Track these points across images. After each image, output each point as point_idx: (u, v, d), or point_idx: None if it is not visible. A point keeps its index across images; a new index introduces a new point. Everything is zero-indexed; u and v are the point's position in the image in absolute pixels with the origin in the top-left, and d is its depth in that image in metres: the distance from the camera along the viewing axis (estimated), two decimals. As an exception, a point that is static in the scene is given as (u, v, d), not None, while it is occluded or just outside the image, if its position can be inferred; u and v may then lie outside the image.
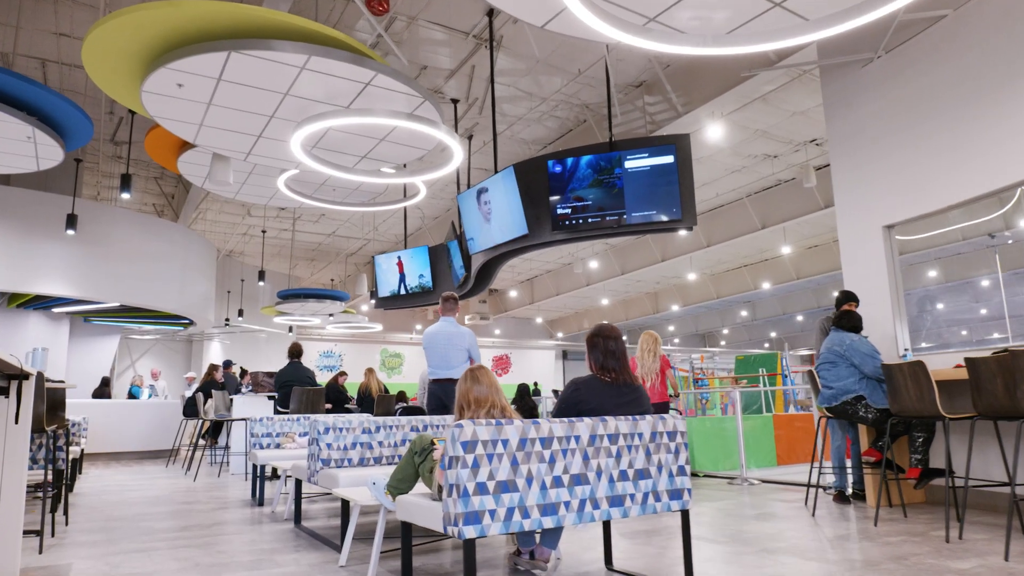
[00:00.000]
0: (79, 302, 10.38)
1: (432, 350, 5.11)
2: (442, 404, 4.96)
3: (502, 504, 2.20)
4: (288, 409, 6.81)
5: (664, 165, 6.95)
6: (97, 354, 12.62)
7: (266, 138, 6.36)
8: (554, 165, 7.39)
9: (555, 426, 2.36)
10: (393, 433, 3.99)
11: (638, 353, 6.17)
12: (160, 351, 20.27)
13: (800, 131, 11.77)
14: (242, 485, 6.77)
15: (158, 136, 8.29)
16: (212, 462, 9.26)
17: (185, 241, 11.18)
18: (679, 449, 2.67)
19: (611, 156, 7.14)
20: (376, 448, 3.92)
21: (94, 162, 12.51)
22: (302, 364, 7.21)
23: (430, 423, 4.14)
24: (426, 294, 11.81)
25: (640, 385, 2.75)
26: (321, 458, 3.75)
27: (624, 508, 2.48)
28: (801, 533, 3.90)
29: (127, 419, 10.24)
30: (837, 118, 5.76)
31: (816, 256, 19.28)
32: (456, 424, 2.19)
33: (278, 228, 16.77)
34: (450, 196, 14.86)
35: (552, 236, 7.48)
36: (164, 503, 5.52)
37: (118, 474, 8.06)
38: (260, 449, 5.48)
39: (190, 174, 9.37)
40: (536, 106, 10.70)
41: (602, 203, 7.17)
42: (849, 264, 5.63)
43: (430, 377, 5.09)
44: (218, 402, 7.76)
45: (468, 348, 5.11)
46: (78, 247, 9.52)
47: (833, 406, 4.55)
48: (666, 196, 6.93)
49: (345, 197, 10.45)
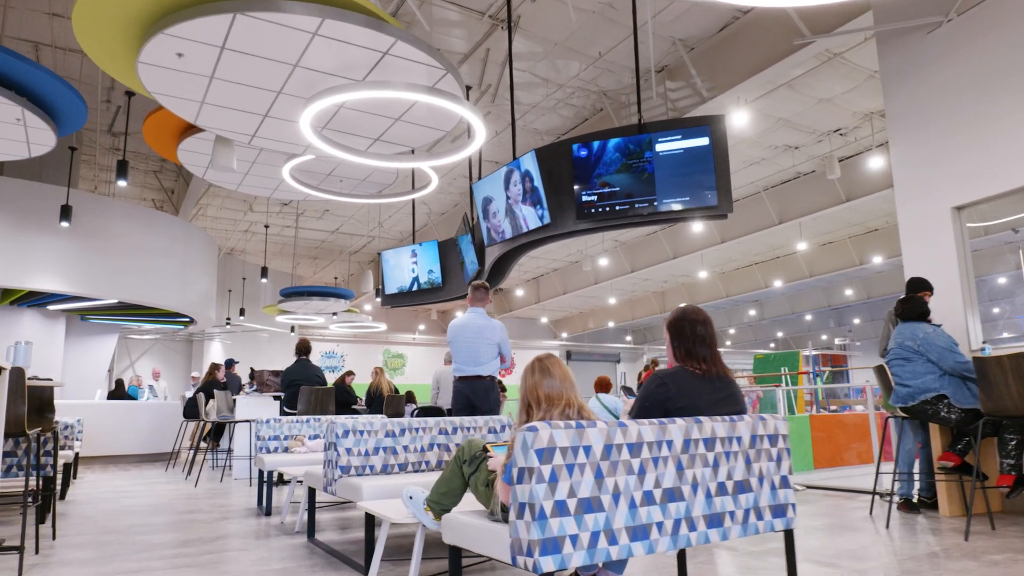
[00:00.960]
0: (75, 299, 9.92)
1: (459, 344, 4.63)
2: (469, 404, 4.49)
3: (585, 527, 1.74)
4: (295, 410, 6.35)
5: (698, 148, 6.49)
6: (95, 354, 12.16)
7: (273, 118, 5.90)
8: (579, 149, 6.93)
9: (644, 429, 1.90)
10: (419, 437, 3.53)
11: None
12: (160, 351, 19.82)
13: (825, 120, 11.33)
14: (246, 491, 6.31)
15: (157, 122, 7.84)
16: (214, 466, 8.79)
17: (185, 236, 10.72)
18: (781, 456, 2.21)
19: (641, 139, 6.68)
20: (401, 454, 3.46)
21: (91, 154, 12.06)
22: (310, 362, 6.73)
23: (460, 425, 3.68)
24: (435, 291, 11.35)
25: (734, 379, 2.28)
26: (340, 465, 3.29)
27: (723, 529, 2.02)
28: (887, 549, 3.44)
29: (125, 421, 9.77)
30: (898, 90, 5.28)
31: (830, 253, 18.85)
32: (527, 427, 1.72)
33: (281, 225, 16.32)
34: (458, 191, 14.42)
35: (576, 226, 7.01)
36: (163, 512, 5.06)
37: (115, 479, 7.60)
38: (267, 453, 5.02)
39: (191, 164, 8.92)
40: (552, 93, 10.26)
41: (631, 189, 6.71)
42: (911, 249, 5.16)
43: (456, 374, 4.62)
44: (220, 403, 7.29)
45: (499, 343, 4.64)
46: (74, 241, 9.06)
47: (910, 406, 4.08)
48: (700, 181, 6.46)
49: (353, 188, 9.99)
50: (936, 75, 4.90)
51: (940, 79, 4.88)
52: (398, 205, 15.24)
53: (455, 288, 10.88)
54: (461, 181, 13.92)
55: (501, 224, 7.97)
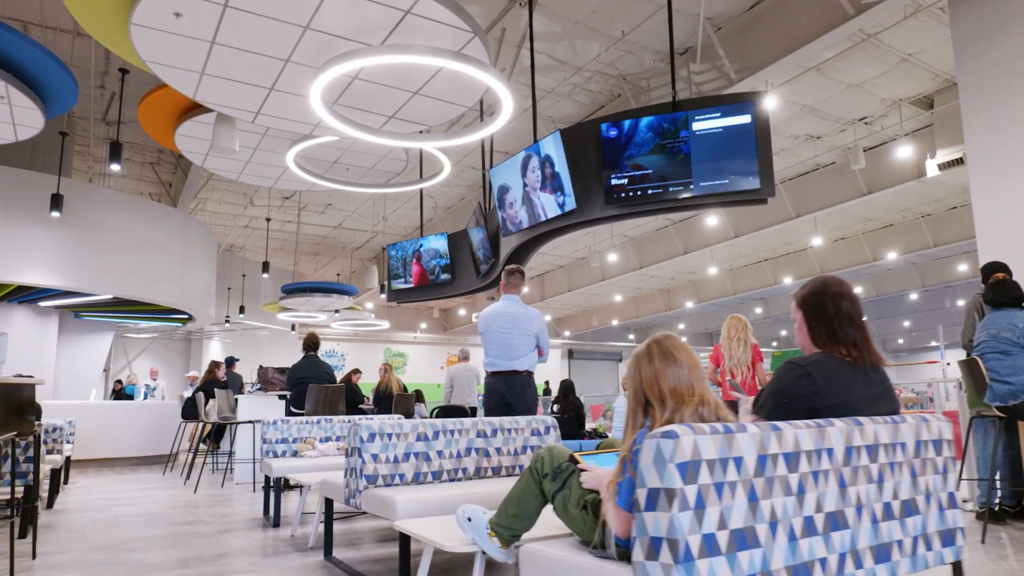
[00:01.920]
0: (68, 294, 9.42)
1: (492, 336, 4.14)
2: (504, 403, 4.00)
3: (739, 570, 1.25)
4: (303, 410, 5.86)
5: (740, 127, 6.01)
6: (90, 352, 11.64)
7: (280, 91, 5.41)
8: (608, 129, 6.45)
9: (801, 433, 1.41)
10: (455, 440, 3.04)
11: (723, 341, 5.24)
12: (158, 350, 19.30)
13: (851, 108, 10.85)
14: (250, 497, 5.82)
15: (153, 104, 7.35)
16: (214, 469, 8.30)
17: (184, 228, 10.22)
18: (947, 467, 1.73)
19: (676, 117, 6.20)
20: (435, 460, 2.97)
21: (84, 144, 11.56)
22: (319, 358, 6.24)
23: (500, 427, 3.19)
24: (444, 286, 10.88)
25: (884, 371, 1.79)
26: (365, 474, 2.80)
27: (892, 563, 1.54)
28: (1000, 570, 2.95)
29: (121, 422, 9.27)
30: (972, 55, 4.79)
31: (843, 249, 18.41)
32: (663, 432, 1.24)
33: (282, 220, 15.82)
34: (466, 184, 13.94)
35: (603, 212, 6.53)
36: (159, 523, 4.57)
37: (109, 484, 7.11)
38: (274, 458, 4.53)
39: (189, 151, 8.44)
40: (568, 77, 9.78)
41: (665, 172, 6.22)
42: (988, 231, 4.67)
43: (488, 369, 4.13)
44: (221, 402, 6.80)
45: (537, 334, 4.15)
46: (66, 233, 8.56)
47: (1012, 405, 3.60)
48: (741, 163, 5.98)
49: (359, 177, 9.51)
50: (1016, 36, 4.43)
51: (1020, 41, 4.40)
52: (403, 199, 14.74)
53: (465, 282, 10.40)
54: (470, 173, 13.44)
55: (518, 214, 7.49)
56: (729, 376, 5.09)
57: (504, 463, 3.15)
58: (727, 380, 5.09)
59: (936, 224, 16.12)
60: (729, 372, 5.11)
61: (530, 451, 3.24)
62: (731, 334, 5.18)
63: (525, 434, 3.26)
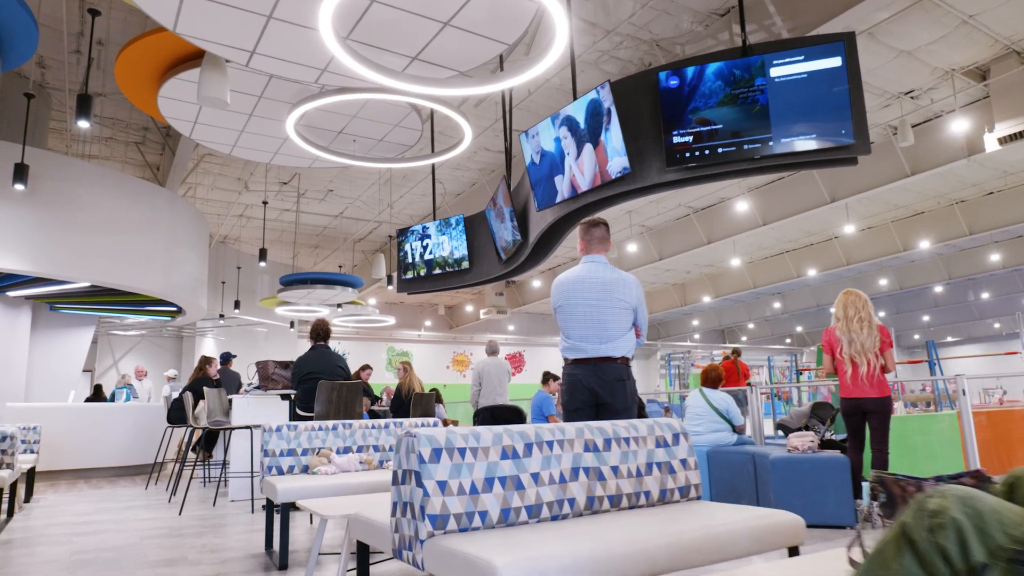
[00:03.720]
0: (40, 282, 8.36)
1: (574, 311, 3.11)
2: (593, 401, 2.99)
3: None
4: (311, 412, 4.84)
5: (829, 71, 5.02)
6: (68, 349, 10.56)
7: (281, 20, 4.39)
8: (668, 78, 5.44)
9: None
10: (555, 458, 2.04)
11: (839, 322, 4.25)
12: (146, 348, 18.21)
13: (899, 79, 9.89)
14: (247, 521, 4.81)
15: (133, 59, 6.34)
16: (205, 482, 7.27)
17: (172, 209, 9.17)
18: None
19: (750, 62, 5.21)
20: (530, 488, 1.95)
21: (61, 119, 10.52)
22: (330, 349, 5.21)
23: (614, 436, 2.18)
24: (460, 274, 9.87)
25: None
26: (430, 513, 1.79)
27: None
28: None
29: (99, 428, 8.23)
30: None
31: (870, 239, 17.50)
32: None
33: (279, 208, 14.79)
34: (478, 167, 12.95)
35: (663, 175, 5.53)
36: (131, 561, 3.55)
37: (80, 501, 6.07)
38: (279, 475, 3.52)
39: (174, 117, 7.43)
40: (597, 41, 8.79)
41: (737, 126, 5.23)
42: None
43: (569, 356, 3.11)
44: (212, 404, 5.79)
45: (636, 306, 3.13)
46: (34, 210, 7.50)
47: None
48: (831, 113, 5.00)
49: (368, 151, 8.51)
50: None
51: None
52: (410, 184, 13.75)
53: (485, 269, 9.38)
54: (483, 155, 12.46)
55: (555, 184, 6.48)
56: (849, 366, 4.10)
57: (625, 489, 2.14)
58: (845, 372, 4.11)
59: (971, 211, 15.23)
60: (849, 361, 4.12)
61: (657, 470, 2.23)
62: (850, 312, 4.20)
63: (648, 445, 2.25)
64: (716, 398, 4.99)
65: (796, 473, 3.99)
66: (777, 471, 4.02)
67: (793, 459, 3.99)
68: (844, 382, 4.15)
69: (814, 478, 3.89)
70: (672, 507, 2.19)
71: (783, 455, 4.09)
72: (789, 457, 4.01)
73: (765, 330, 31.84)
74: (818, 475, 3.89)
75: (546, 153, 6.60)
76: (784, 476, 4.01)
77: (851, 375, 4.11)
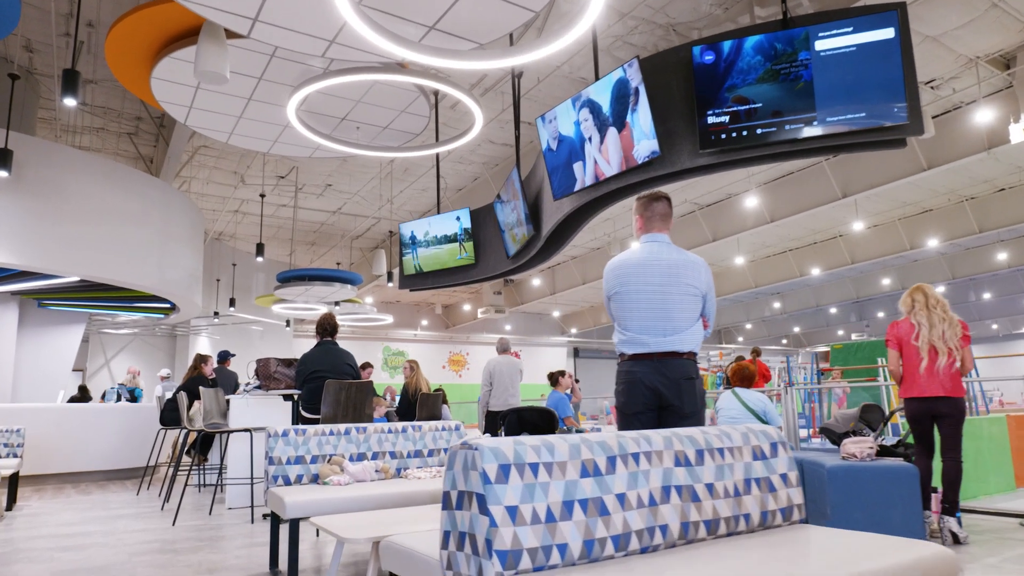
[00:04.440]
0: (26, 276, 7.91)
1: (634, 297, 2.68)
2: (657, 403, 2.56)
3: None
4: (317, 414, 4.43)
5: (880, 43, 4.65)
6: (57, 347, 10.10)
7: (285, -19, 3.98)
8: (703, 53, 5.06)
9: None
10: (642, 474, 1.64)
11: (918, 315, 3.85)
12: (139, 347, 17.73)
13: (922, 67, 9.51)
14: (247, 533, 4.39)
15: (125, 35, 5.92)
16: (200, 487, 6.84)
17: (165, 200, 8.72)
18: None
19: (792, 35, 4.82)
20: (616, 513, 1.55)
21: (50, 108, 10.07)
22: (337, 345, 4.79)
23: (708, 446, 1.79)
24: (465, 270, 9.50)
25: None
26: (498, 549, 1.39)
27: None
28: None
29: (88, 429, 7.78)
30: None
31: (876, 237, 17.18)
32: None
33: (276, 204, 14.34)
34: (481, 161, 12.54)
35: (695, 160, 5.15)
36: (118, 580, 3.14)
37: (66, 509, 5.64)
38: (286, 486, 3.11)
39: (169, 101, 7.02)
40: (611, 26, 8.42)
41: (779, 104, 4.85)
42: None
43: (627, 351, 2.70)
44: (209, 404, 5.36)
45: (705, 293, 2.72)
46: (19, 199, 7.06)
47: None
48: (883, 90, 4.62)
49: (373, 139, 8.10)
50: None
51: None
52: (410, 179, 13.35)
53: (492, 265, 8.99)
54: (487, 148, 12.06)
55: (575, 170, 6.09)
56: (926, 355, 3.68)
57: (722, 512, 1.74)
58: (919, 364, 3.69)
59: (981, 208, 14.92)
60: (928, 349, 3.70)
61: (756, 488, 1.83)
62: (931, 302, 3.79)
63: (744, 457, 1.85)
64: (751, 399, 4.60)
65: (857, 484, 3.59)
66: (835, 481, 3.62)
67: (853, 468, 3.60)
68: (915, 378, 3.74)
69: (878, 489, 3.49)
70: (777, 534, 1.80)
71: (840, 463, 3.70)
72: (849, 465, 3.62)
73: (762, 331, 31.56)
74: (883, 486, 3.49)
75: (564, 138, 6.21)
76: (843, 487, 3.62)
77: (926, 367, 3.70)
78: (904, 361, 3.85)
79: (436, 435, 3.53)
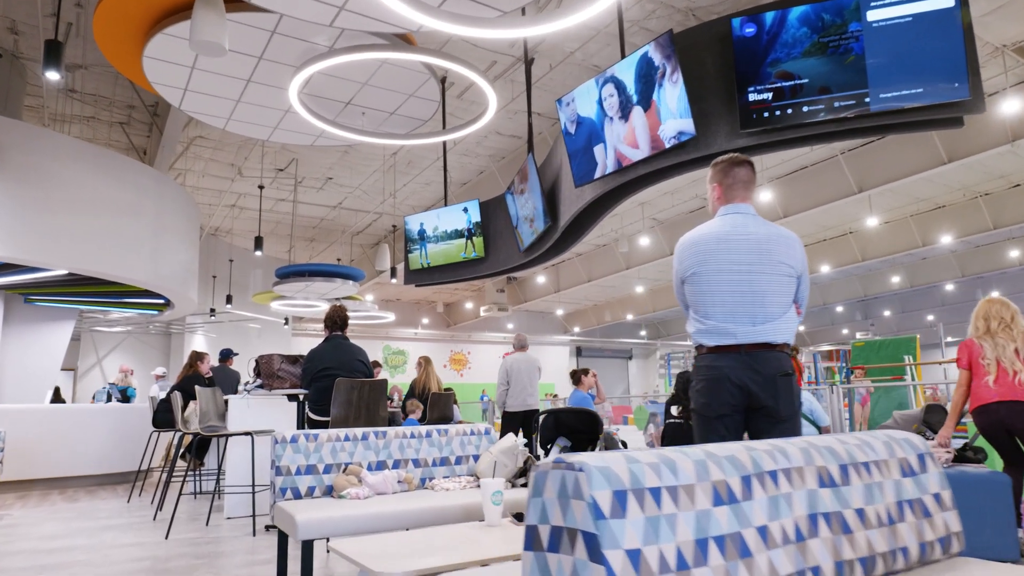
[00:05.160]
0: (9, 269, 7.49)
1: (714, 279, 2.27)
2: (745, 402, 2.11)
3: None
4: (326, 416, 4.02)
5: (939, 13, 4.27)
6: (45, 345, 9.65)
7: (292, -67, 3.58)
8: (743, 25, 4.67)
9: None
10: (784, 500, 1.24)
11: (980, 334, 3.47)
12: (132, 346, 17.27)
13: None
14: (248, 547, 3.98)
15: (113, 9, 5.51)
16: (196, 494, 6.43)
17: (159, 190, 8.29)
18: None
19: (842, 4, 4.44)
20: (759, 552, 1.17)
21: (37, 95, 9.63)
22: (348, 341, 4.38)
23: (851, 459, 1.40)
24: (474, 264, 9.09)
25: None
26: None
27: None
28: None
29: (76, 431, 7.35)
30: None
31: (888, 233, 16.83)
32: None
33: (275, 198, 13.91)
34: (487, 153, 12.14)
35: (734, 141, 4.76)
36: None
37: (50, 519, 5.21)
38: (296, 500, 2.70)
39: (162, 83, 6.63)
40: (627, 9, 8.02)
41: (828, 80, 4.46)
42: None
43: (710, 343, 2.23)
44: (205, 405, 4.95)
45: (801, 273, 2.31)
46: (4, 187, 6.64)
47: None
48: (942, 64, 4.24)
49: (379, 125, 7.69)
50: None
51: None
52: (414, 172, 12.94)
53: (503, 259, 8.59)
54: (493, 139, 11.65)
55: (598, 155, 5.70)
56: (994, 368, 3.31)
57: (877, 546, 1.34)
58: (986, 376, 3.31)
59: (996, 204, 14.57)
60: (995, 362, 3.33)
61: (910, 513, 1.44)
62: (992, 325, 3.44)
63: (892, 474, 1.46)
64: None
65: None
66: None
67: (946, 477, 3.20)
68: (984, 388, 3.35)
69: (966, 501, 3.10)
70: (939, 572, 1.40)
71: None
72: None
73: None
74: (971, 497, 3.10)
75: (583, 120, 5.82)
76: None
77: (995, 378, 3.34)
78: (974, 375, 3.47)
79: (464, 440, 3.13)
